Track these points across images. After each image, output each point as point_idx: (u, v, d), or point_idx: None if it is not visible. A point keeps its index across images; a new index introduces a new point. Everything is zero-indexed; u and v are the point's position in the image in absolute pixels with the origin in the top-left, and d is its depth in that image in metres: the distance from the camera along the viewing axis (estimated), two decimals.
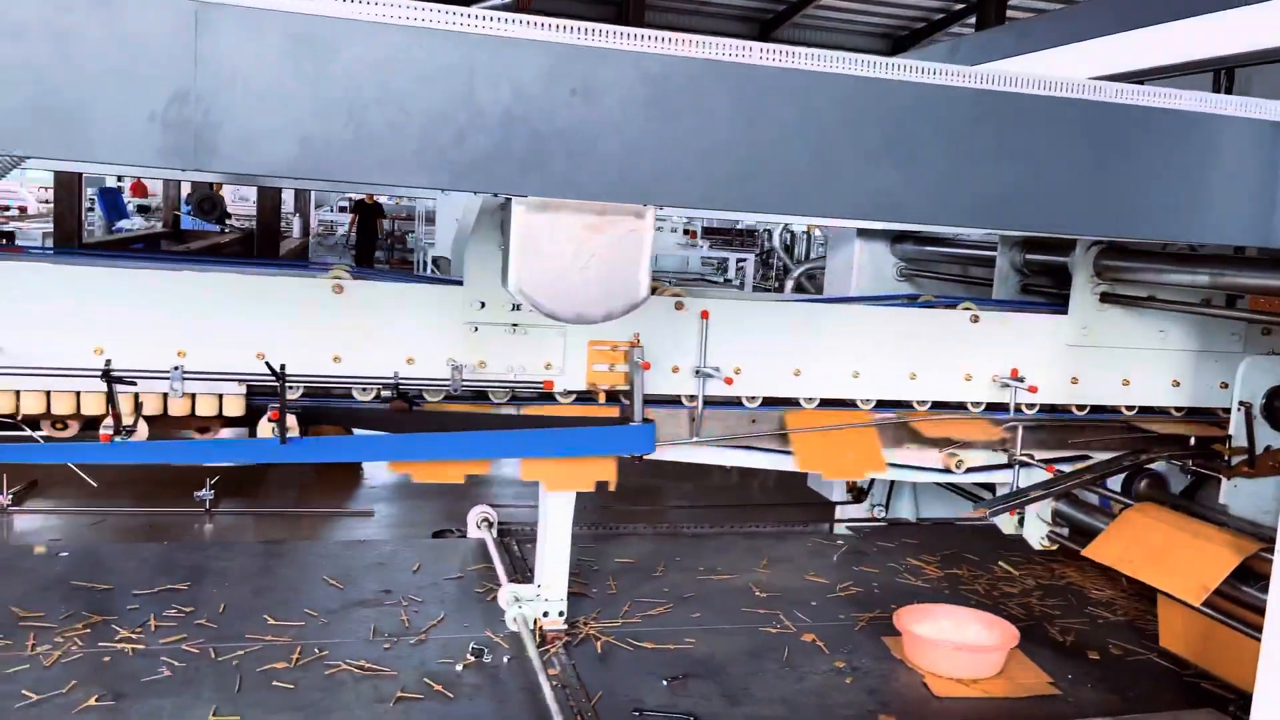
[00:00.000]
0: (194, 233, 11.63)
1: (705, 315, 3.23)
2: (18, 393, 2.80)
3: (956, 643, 3.34)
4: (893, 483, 5.07)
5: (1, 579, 3.65)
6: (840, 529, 5.08)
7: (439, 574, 3.99)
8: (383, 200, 23.76)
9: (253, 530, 4.76)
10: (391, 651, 3.25)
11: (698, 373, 3.26)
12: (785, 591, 4.03)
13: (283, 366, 2.80)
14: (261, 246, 9.38)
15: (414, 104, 2.03)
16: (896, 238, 4.99)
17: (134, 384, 2.76)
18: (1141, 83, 2.98)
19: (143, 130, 1.91)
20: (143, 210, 18.30)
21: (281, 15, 1.95)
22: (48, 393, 2.82)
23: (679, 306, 3.26)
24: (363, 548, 4.29)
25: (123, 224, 16.26)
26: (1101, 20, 3.54)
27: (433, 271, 9.04)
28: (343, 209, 31.08)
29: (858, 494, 5.13)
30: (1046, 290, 4.07)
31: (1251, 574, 2.92)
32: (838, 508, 5.19)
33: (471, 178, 2.07)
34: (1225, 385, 3.76)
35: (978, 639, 3.42)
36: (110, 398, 2.72)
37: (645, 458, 3.27)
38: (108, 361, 2.74)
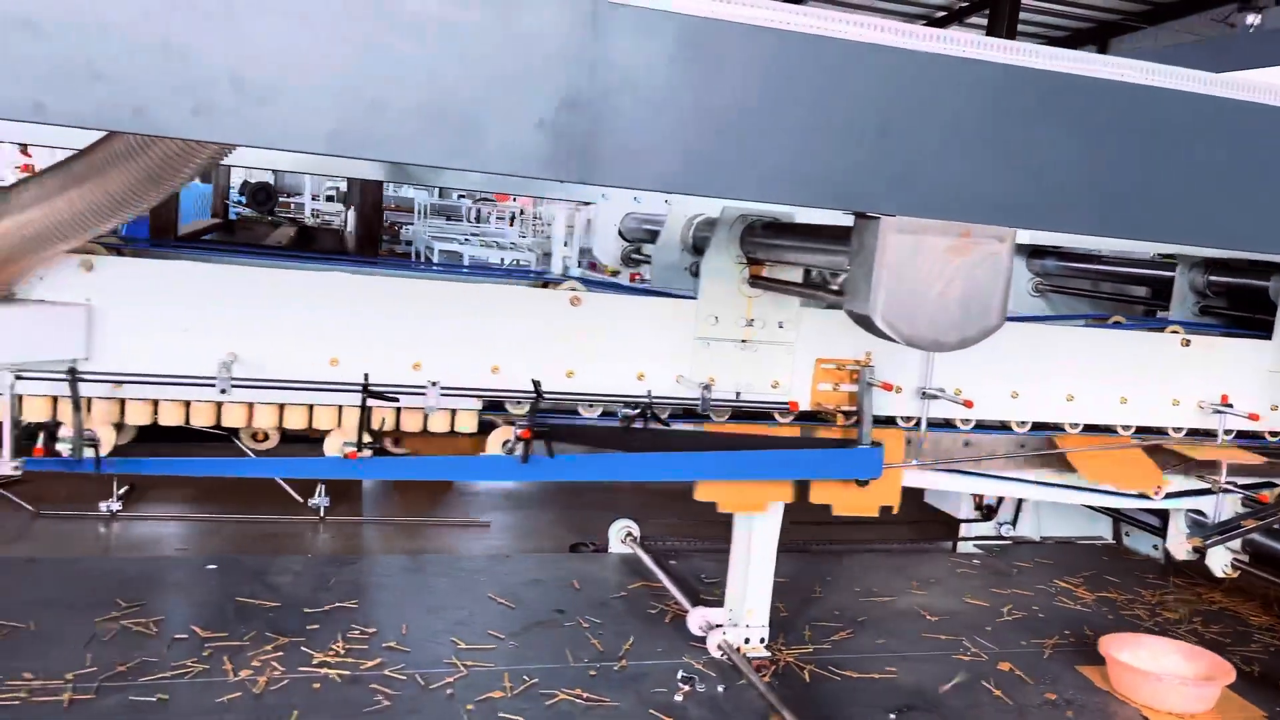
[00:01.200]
0: (243, 222, 11.20)
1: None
2: (250, 405, 2.62)
3: (1182, 676, 3.26)
4: (1021, 501, 5.00)
5: (157, 592, 3.47)
6: (965, 546, 5.00)
7: (601, 592, 3.85)
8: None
9: (370, 540, 4.58)
10: (600, 678, 3.11)
11: (923, 394, 3.15)
12: (953, 615, 3.94)
13: (538, 384, 2.65)
14: (361, 244, 9.09)
15: (789, 115, 1.90)
16: (1033, 252, 4.91)
17: (396, 400, 2.59)
18: None
19: (531, 138, 1.76)
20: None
21: (676, 18, 1.80)
22: (281, 406, 2.64)
23: None
24: (510, 563, 4.13)
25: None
26: None
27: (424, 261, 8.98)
28: (330, 198, 30.50)
29: (986, 512, 5.05)
30: (1224, 312, 4.00)
31: None
32: (962, 526, 5.11)
33: (846, 194, 1.94)
34: None
35: (1193, 671, 3.34)
36: (364, 413, 2.55)
37: None
38: (365, 376, 2.57)
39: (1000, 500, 5.01)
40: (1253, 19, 6.21)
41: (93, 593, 3.37)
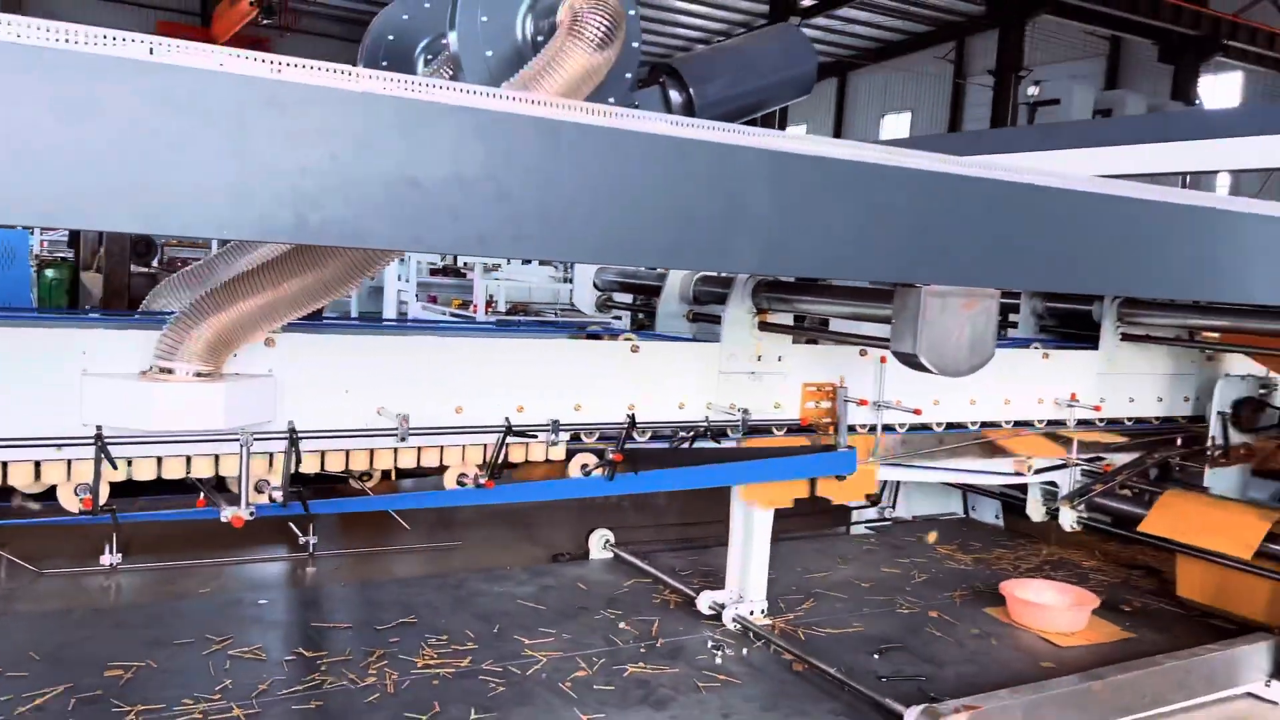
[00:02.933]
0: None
1: (884, 360, 4.06)
2: (395, 450, 3.15)
3: (1064, 604, 4.37)
4: (898, 487, 6.10)
5: (235, 626, 3.82)
6: (858, 529, 6.03)
7: (607, 589, 4.54)
8: None
9: (360, 571, 5.00)
10: (650, 653, 3.82)
11: (878, 405, 4.09)
12: (879, 581, 4.92)
13: (632, 418, 3.35)
14: None
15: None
16: None
17: (535, 436, 3.20)
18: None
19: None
20: None
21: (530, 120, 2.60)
22: (419, 449, 3.19)
23: (863, 353, 4.07)
24: (518, 575, 4.68)
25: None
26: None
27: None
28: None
29: (872, 498, 6.10)
30: (1056, 330, 5.24)
31: (1273, 535, 4.15)
32: (854, 512, 6.14)
33: (913, 271, 2.81)
34: (1186, 399, 5.08)
35: (1068, 601, 4.45)
36: (501, 449, 3.15)
37: None
38: (506, 420, 3.17)
39: (884, 488, 6.08)
40: (1033, 90, 7.55)
41: (180, 632, 3.70)
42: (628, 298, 5.07)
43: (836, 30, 27.85)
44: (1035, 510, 5.09)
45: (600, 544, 4.99)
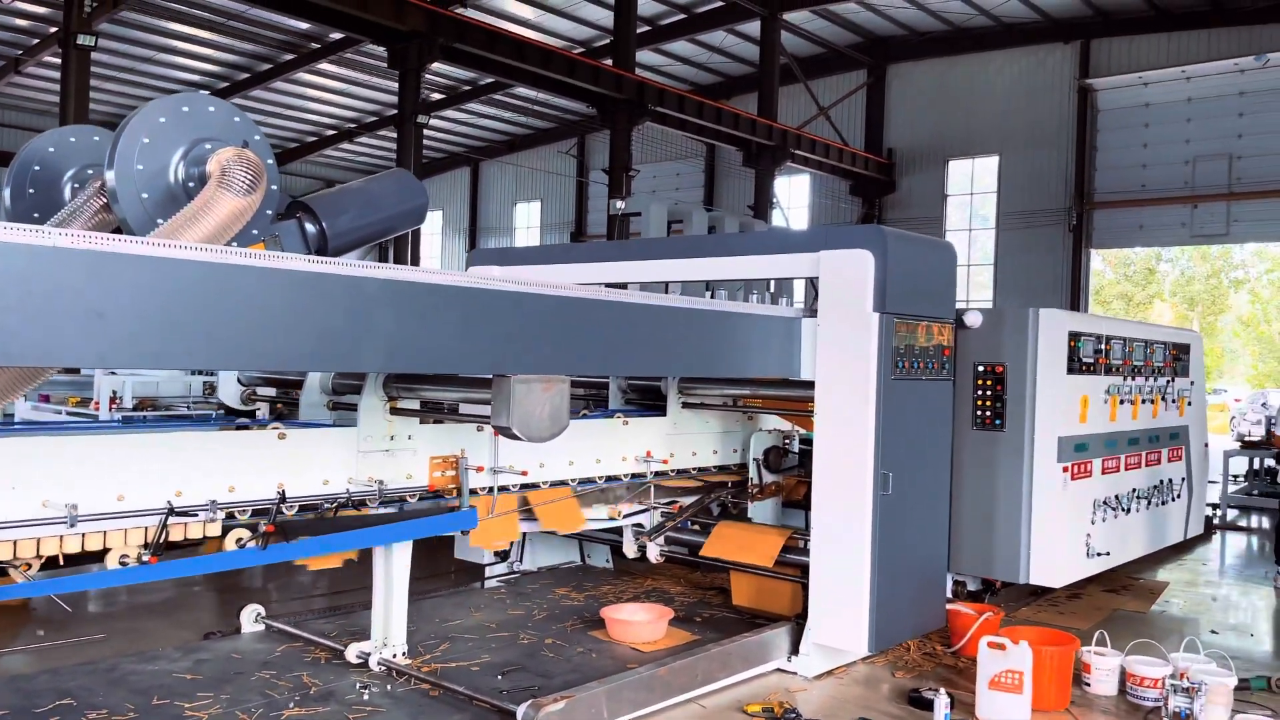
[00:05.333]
0: None
1: (496, 433, 5.00)
2: (83, 535, 3.56)
3: (647, 620, 5.50)
4: (524, 543, 7.06)
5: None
6: (491, 583, 6.91)
7: (262, 656, 5.02)
8: None
9: (9, 668, 5.05)
10: (314, 697, 4.40)
11: (494, 470, 5.02)
12: (507, 621, 5.81)
13: (282, 494, 3.99)
14: None
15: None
16: None
17: (195, 515, 3.71)
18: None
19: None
20: None
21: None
22: (84, 535, 3.61)
23: (479, 429, 4.99)
24: (171, 654, 4.97)
25: None
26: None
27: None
28: None
29: (502, 555, 7.02)
30: (638, 402, 6.52)
31: (789, 548, 5.58)
32: (487, 568, 7.02)
33: (504, 364, 3.78)
34: (735, 450, 6.55)
35: (649, 616, 5.61)
36: (163, 529, 3.65)
37: None
38: (169, 504, 3.67)
39: (511, 546, 7.02)
40: (620, 204, 8.90)
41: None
42: (270, 391, 5.64)
43: (467, 124, 29.43)
44: (630, 548, 6.26)
45: (251, 618, 5.43)
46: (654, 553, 6.18)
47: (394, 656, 4.83)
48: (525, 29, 21.36)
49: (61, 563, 3.65)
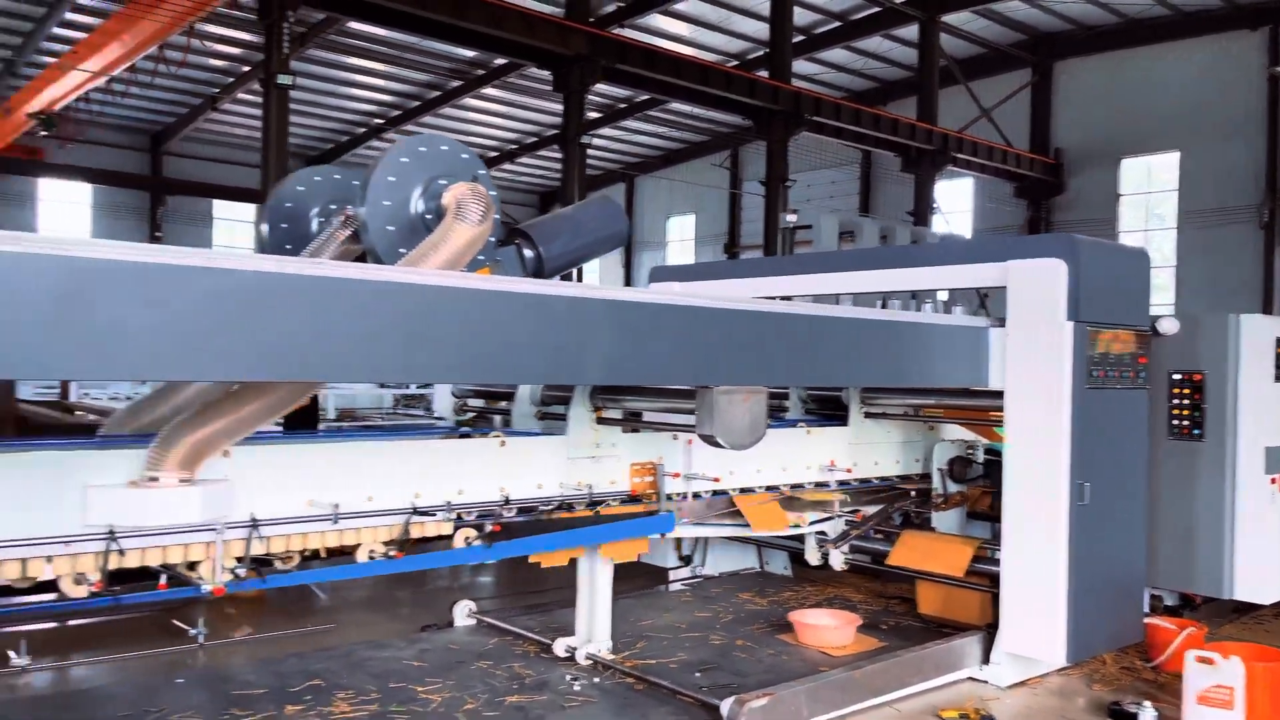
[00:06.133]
0: None
1: (690, 442, 5.25)
2: (341, 531, 4.01)
3: (836, 625, 5.63)
4: (706, 549, 7.29)
5: (172, 698, 4.46)
6: (675, 586, 7.16)
7: (477, 647, 5.42)
8: None
9: (249, 655, 5.63)
10: (529, 685, 4.75)
11: (688, 478, 5.27)
12: (696, 623, 6.05)
13: (506, 498, 4.36)
14: None
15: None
16: None
17: (434, 515, 4.13)
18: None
19: None
20: None
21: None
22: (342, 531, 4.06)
23: (674, 437, 5.25)
24: (397, 643, 5.45)
25: None
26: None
27: None
28: None
29: (685, 560, 7.27)
30: (817, 412, 6.65)
31: (977, 557, 5.60)
32: (671, 571, 7.28)
33: (707, 376, 4.02)
34: (917, 460, 6.58)
35: (836, 621, 5.73)
36: (407, 527, 4.06)
37: None
38: (410, 503, 4.09)
39: (694, 550, 7.26)
40: (791, 218, 8.94)
41: (117, 710, 4.31)
42: (479, 402, 6.08)
43: (623, 140, 30.14)
44: (812, 555, 6.39)
45: (464, 613, 5.87)
46: (838, 560, 6.29)
47: (599, 651, 5.13)
48: (680, 45, 21.78)
49: (323, 555, 4.10)
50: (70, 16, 19.72)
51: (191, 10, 15.07)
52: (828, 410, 6.59)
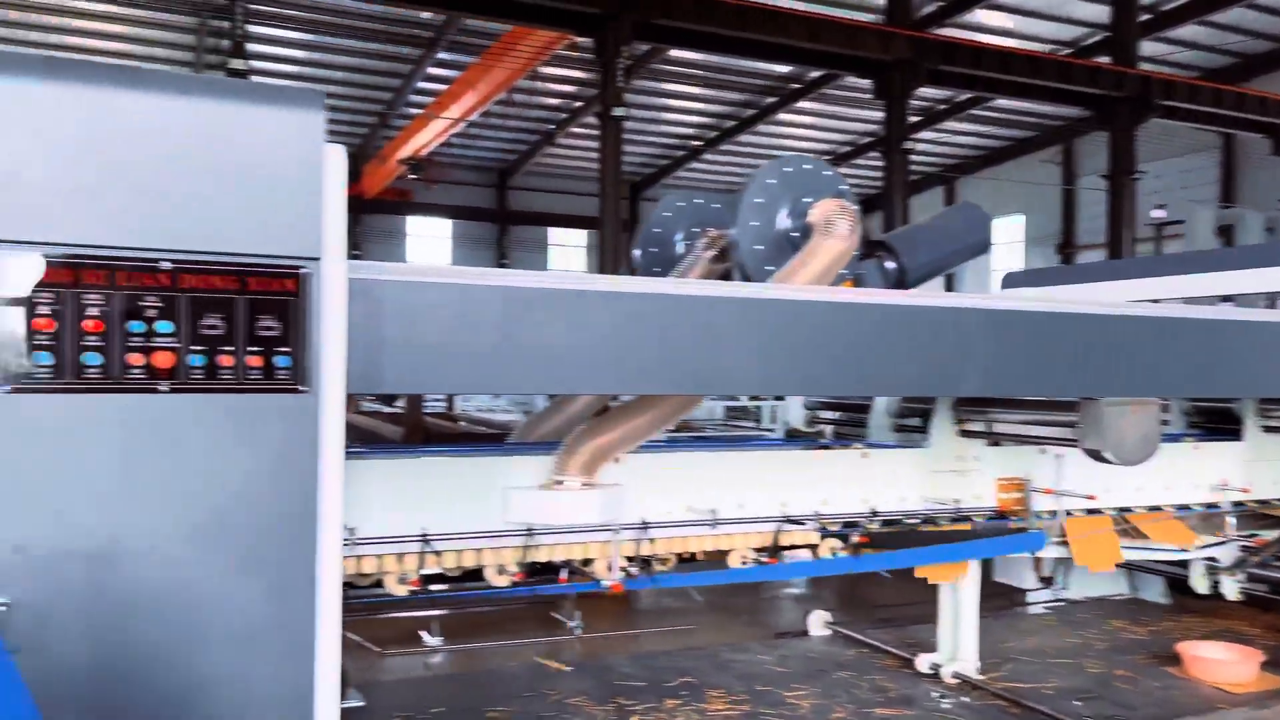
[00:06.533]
0: None
1: (1060, 455, 4.98)
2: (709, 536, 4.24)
3: (1235, 660, 5.10)
4: (1069, 569, 6.86)
5: (564, 683, 4.91)
6: (1035, 608, 6.79)
7: (835, 657, 5.47)
8: None
9: (614, 649, 6.05)
10: (895, 699, 4.74)
11: (1059, 494, 5.00)
12: (1066, 649, 5.70)
13: (874, 511, 4.39)
14: None
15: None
16: None
17: (803, 524, 4.27)
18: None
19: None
20: None
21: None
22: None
23: (1041, 451, 5.01)
24: (756, 647, 5.66)
25: None
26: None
27: None
28: None
29: (1046, 581, 6.88)
30: (1203, 425, 6.06)
31: None
32: (1029, 593, 6.92)
33: (1095, 388, 3.81)
34: None
35: (1233, 657, 5.17)
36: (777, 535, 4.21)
37: None
38: (781, 511, 4.25)
39: (1055, 569, 6.85)
40: (1158, 213, 8.17)
41: (519, 689, 4.80)
42: (831, 414, 6.14)
43: (943, 143, 29.06)
44: (1200, 583, 5.82)
45: (819, 623, 5.93)
46: (1231, 589, 5.69)
47: (967, 670, 4.99)
48: (1002, 39, 20.67)
49: (700, 556, 4.34)
50: (432, 70, 22.21)
51: (537, 55, 16.47)
52: (1215, 423, 5.98)
